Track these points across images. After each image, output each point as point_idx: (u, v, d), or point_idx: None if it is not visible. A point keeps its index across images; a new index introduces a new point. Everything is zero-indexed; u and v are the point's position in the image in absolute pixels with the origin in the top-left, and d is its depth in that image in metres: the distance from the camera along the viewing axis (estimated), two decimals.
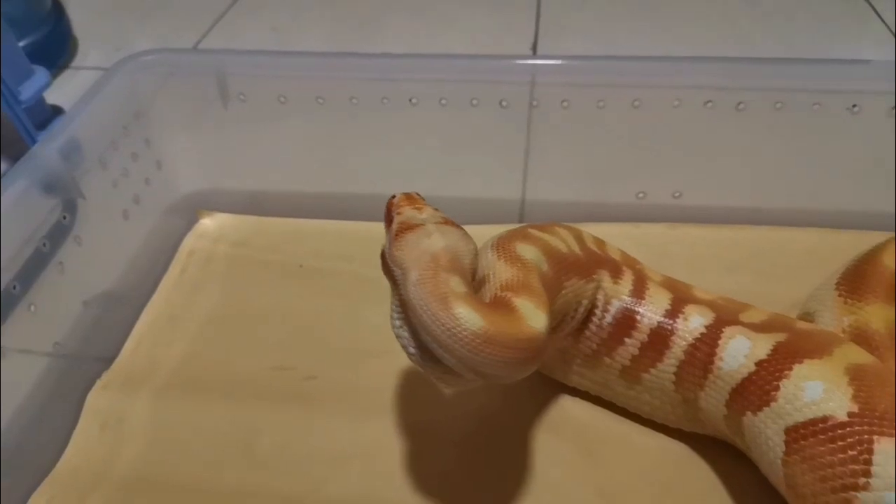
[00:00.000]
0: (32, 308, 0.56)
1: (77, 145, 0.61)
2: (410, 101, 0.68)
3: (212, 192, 0.72)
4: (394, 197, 0.48)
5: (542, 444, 0.52)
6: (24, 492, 0.51)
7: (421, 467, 0.52)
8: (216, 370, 0.58)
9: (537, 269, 0.46)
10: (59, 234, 0.59)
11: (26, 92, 0.79)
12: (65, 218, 0.60)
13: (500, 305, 0.42)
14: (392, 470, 0.52)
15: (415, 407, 0.55)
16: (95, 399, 0.56)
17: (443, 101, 0.68)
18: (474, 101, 0.68)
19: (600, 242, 0.53)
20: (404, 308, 0.43)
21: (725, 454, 0.50)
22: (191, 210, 0.71)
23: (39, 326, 0.57)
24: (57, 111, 0.87)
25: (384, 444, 0.53)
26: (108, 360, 0.59)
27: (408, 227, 0.44)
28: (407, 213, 0.46)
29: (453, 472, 0.51)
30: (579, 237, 0.52)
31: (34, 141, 0.81)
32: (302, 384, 0.57)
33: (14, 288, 0.54)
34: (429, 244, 0.42)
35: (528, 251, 0.47)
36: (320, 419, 0.54)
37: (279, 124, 0.71)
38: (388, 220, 0.47)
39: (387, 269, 0.45)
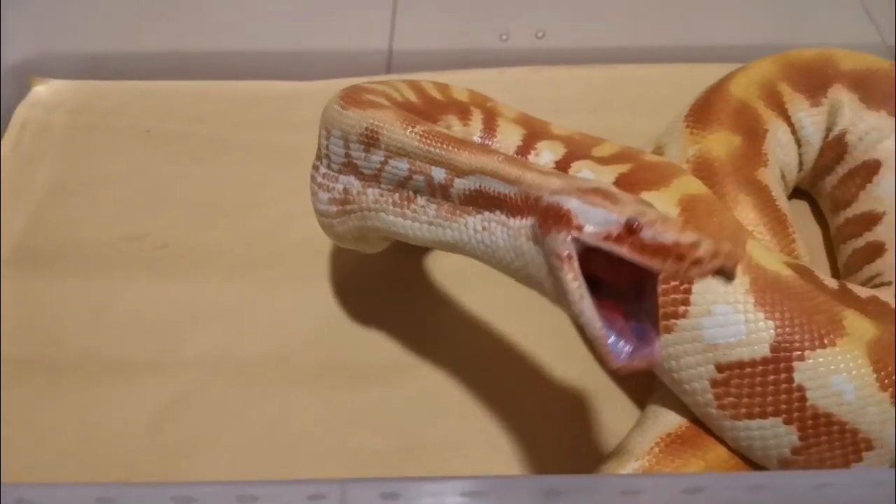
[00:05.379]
0: None
1: None
2: None
3: (45, 56, 0.66)
4: None
5: (394, 299, 0.52)
6: None
7: (289, 322, 0.51)
8: (59, 244, 0.55)
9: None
10: None
11: None
12: None
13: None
14: (256, 328, 0.51)
15: (278, 261, 0.54)
16: None
17: None
18: None
19: (443, 87, 0.51)
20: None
21: None
22: (21, 78, 0.65)
23: None
24: None
25: (244, 303, 0.52)
26: None
27: None
28: None
29: (327, 329, 0.51)
30: (416, 87, 0.49)
31: None
32: (154, 252, 0.55)
33: None
34: None
35: (382, 100, 0.44)
36: (175, 284, 0.53)
37: None
38: None
39: None
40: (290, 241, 0.55)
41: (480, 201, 0.37)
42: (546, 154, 0.47)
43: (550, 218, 0.34)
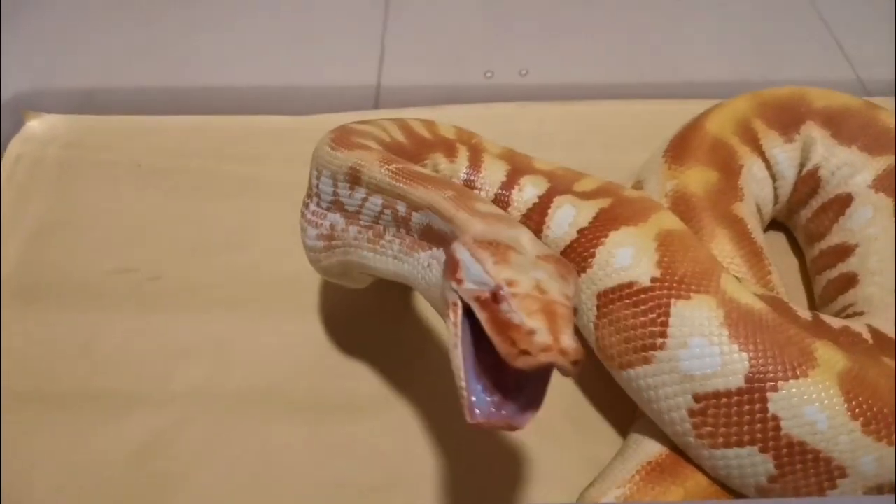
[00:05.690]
0: None
1: None
2: None
3: (38, 91, 0.67)
4: None
5: (379, 333, 0.53)
6: None
7: (275, 355, 0.52)
8: (51, 277, 0.56)
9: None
10: None
11: None
12: None
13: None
14: (243, 361, 0.52)
15: (265, 295, 0.55)
16: None
17: None
18: None
19: (430, 124, 0.52)
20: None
21: None
22: (16, 112, 0.66)
23: None
24: None
25: (232, 337, 0.53)
26: None
27: None
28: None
29: (314, 362, 0.52)
30: (404, 126, 0.50)
31: None
32: (144, 285, 0.56)
33: None
34: None
35: (370, 142, 0.45)
36: (164, 317, 0.54)
37: (109, 13, 0.66)
38: None
39: None
40: (278, 275, 0.56)
41: (431, 237, 0.38)
42: (529, 189, 0.49)
43: (449, 263, 0.34)
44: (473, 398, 0.31)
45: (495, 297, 0.32)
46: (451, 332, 0.33)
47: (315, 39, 0.71)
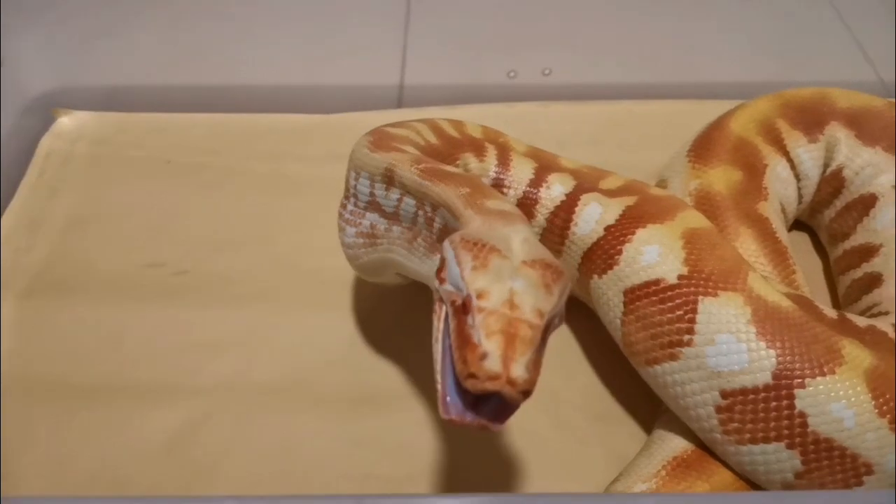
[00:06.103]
0: None
1: None
2: None
3: (68, 89, 0.68)
4: None
5: (404, 327, 0.54)
6: None
7: (301, 349, 0.53)
8: (80, 272, 0.57)
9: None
10: None
11: None
12: None
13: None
14: (270, 354, 0.52)
15: (291, 289, 0.56)
16: None
17: None
18: None
19: (458, 124, 0.53)
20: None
21: (579, 314, 0.51)
22: (46, 109, 0.67)
23: None
24: None
25: (259, 330, 0.54)
26: None
27: None
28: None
29: (339, 355, 0.52)
30: (435, 127, 0.51)
31: None
32: (172, 279, 0.56)
33: None
34: None
35: (406, 146, 0.46)
36: (192, 311, 0.55)
37: (136, 12, 0.67)
38: None
39: None
40: (302, 270, 0.57)
41: (447, 236, 0.38)
42: (557, 187, 0.49)
43: (441, 259, 0.34)
44: (448, 395, 0.31)
45: (465, 307, 0.32)
46: (433, 326, 0.33)
47: (338, 38, 0.72)
